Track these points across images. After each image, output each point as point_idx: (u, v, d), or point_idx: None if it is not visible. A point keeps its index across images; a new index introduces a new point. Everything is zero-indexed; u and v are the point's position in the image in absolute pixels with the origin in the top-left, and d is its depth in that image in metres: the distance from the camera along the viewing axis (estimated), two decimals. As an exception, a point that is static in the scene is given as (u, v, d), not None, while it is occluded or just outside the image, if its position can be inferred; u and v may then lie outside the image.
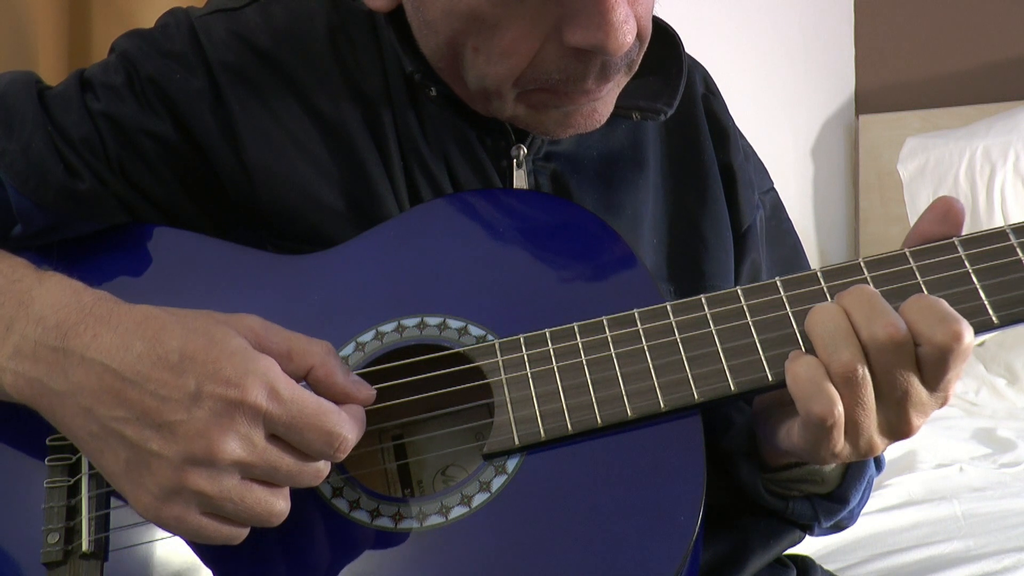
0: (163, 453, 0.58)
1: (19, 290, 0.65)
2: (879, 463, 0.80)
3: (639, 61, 0.76)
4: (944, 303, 0.61)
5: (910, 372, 0.61)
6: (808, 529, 0.80)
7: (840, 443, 0.62)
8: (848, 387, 0.61)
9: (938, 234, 0.66)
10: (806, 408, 0.61)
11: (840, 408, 0.61)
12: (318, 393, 0.61)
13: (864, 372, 0.60)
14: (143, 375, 0.59)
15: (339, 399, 0.62)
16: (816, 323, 0.62)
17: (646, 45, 0.75)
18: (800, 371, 0.62)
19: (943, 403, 0.63)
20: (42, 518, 0.65)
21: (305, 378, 0.62)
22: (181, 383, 0.58)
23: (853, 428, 0.62)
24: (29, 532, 0.65)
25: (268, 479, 0.59)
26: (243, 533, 0.60)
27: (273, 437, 0.59)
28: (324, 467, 0.61)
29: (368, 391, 0.64)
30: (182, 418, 0.57)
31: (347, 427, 0.60)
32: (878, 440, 0.63)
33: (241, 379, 0.58)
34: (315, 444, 0.59)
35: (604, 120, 0.77)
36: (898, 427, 0.63)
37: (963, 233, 0.66)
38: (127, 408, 0.59)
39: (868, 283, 0.65)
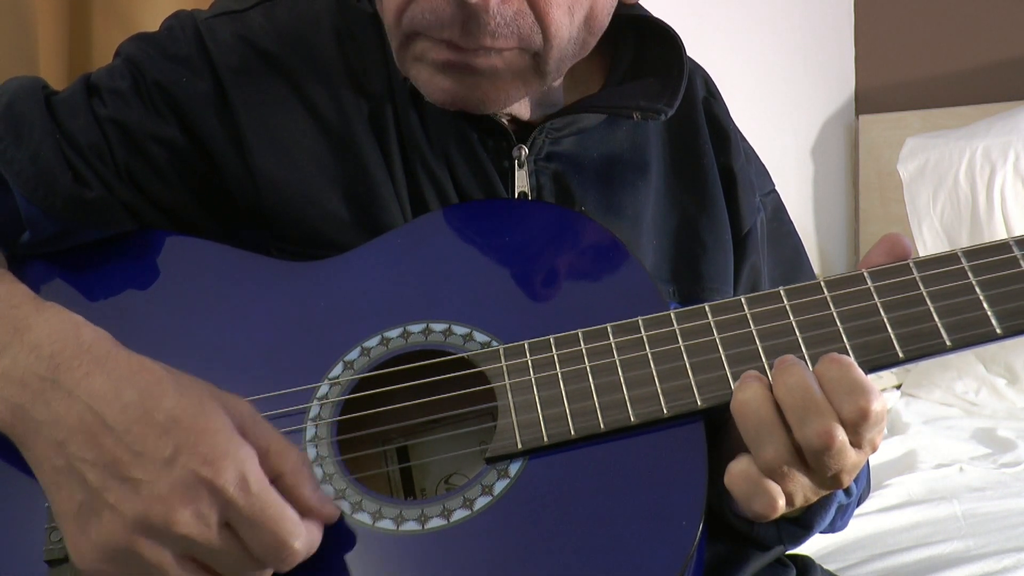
0: (119, 508, 0.58)
1: (16, 316, 0.65)
2: (847, 489, 0.80)
3: (549, 64, 0.75)
4: (856, 370, 0.61)
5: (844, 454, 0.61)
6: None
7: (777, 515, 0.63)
8: (779, 478, 0.62)
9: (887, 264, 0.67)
10: (748, 506, 0.63)
11: (782, 501, 0.62)
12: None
13: (789, 467, 0.61)
14: (124, 426, 0.59)
15: (301, 511, 0.61)
16: (742, 414, 0.62)
17: (559, 48, 0.74)
18: (735, 468, 0.62)
19: (872, 451, 0.64)
20: (45, 516, 0.66)
21: (274, 481, 0.61)
22: (159, 444, 0.58)
23: (788, 498, 0.63)
24: (32, 530, 0.66)
25: (208, 563, 0.59)
26: None
27: (227, 525, 0.59)
28: (266, 572, 0.61)
29: (332, 510, 0.63)
30: (149, 478, 0.57)
31: (300, 541, 0.59)
32: (813, 497, 0.64)
33: (217, 459, 0.58)
34: (264, 545, 0.59)
35: (495, 104, 0.76)
36: (832, 486, 0.64)
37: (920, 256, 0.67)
38: (98, 453, 0.59)
39: (871, 293, 0.66)
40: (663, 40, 0.85)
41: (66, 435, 0.59)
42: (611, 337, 0.68)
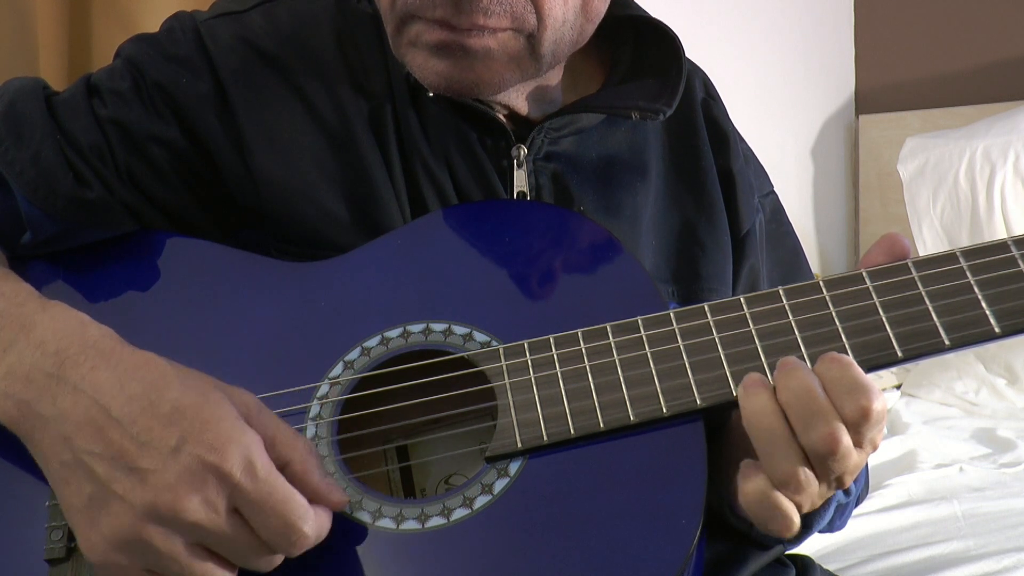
0: (127, 498, 0.58)
1: (22, 314, 0.65)
2: (846, 489, 0.80)
3: (544, 47, 0.75)
4: (856, 369, 0.61)
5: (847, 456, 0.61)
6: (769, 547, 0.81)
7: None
8: (795, 490, 0.61)
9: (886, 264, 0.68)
10: (764, 527, 0.62)
11: (798, 519, 0.62)
12: None
13: (806, 476, 0.61)
14: (130, 417, 0.59)
15: (310, 498, 0.61)
16: (753, 426, 0.61)
17: (553, 30, 0.74)
18: (749, 488, 0.62)
19: (873, 451, 0.64)
20: (46, 515, 0.66)
21: (282, 470, 0.61)
22: (165, 434, 0.58)
23: (796, 508, 0.63)
24: (32, 529, 0.66)
25: (219, 550, 0.59)
26: None
27: (235, 511, 0.59)
28: (276, 558, 0.61)
29: (341, 496, 0.62)
30: (156, 467, 0.58)
31: (309, 524, 0.59)
32: (819, 500, 0.64)
33: (223, 446, 0.58)
34: (273, 530, 0.59)
35: (490, 88, 0.76)
36: (836, 487, 0.64)
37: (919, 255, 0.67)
38: (105, 445, 0.59)
39: (870, 293, 0.66)
40: (662, 41, 0.85)
41: (73, 429, 0.60)
42: (611, 336, 0.68)
